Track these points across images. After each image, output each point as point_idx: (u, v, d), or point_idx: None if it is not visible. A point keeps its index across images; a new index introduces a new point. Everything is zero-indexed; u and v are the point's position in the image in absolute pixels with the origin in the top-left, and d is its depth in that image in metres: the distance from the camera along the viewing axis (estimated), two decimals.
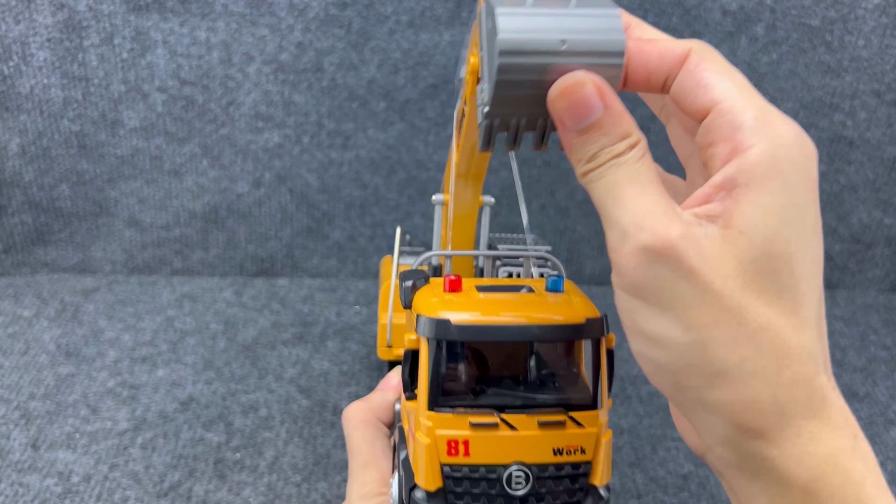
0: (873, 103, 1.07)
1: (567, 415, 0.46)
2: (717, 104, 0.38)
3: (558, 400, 0.46)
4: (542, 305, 0.47)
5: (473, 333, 0.45)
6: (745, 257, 0.35)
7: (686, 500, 0.73)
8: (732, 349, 0.35)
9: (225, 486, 0.71)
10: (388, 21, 1.01)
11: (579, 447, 0.46)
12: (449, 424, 0.45)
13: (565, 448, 0.46)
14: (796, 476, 0.36)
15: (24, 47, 0.97)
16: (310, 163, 1.06)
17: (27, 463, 0.73)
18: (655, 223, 0.35)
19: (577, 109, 0.37)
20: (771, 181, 0.35)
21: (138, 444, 0.76)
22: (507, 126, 0.41)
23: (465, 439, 0.45)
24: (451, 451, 0.45)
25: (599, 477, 0.46)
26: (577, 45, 0.37)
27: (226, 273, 1.10)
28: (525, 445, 0.45)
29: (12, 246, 1.06)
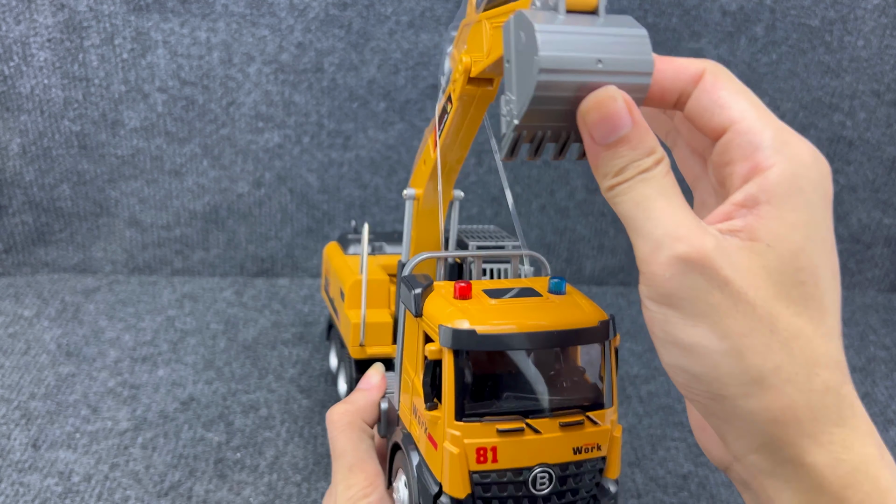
0: (873, 103, 1.07)
1: (585, 415, 0.47)
2: (734, 123, 0.39)
3: (575, 402, 0.48)
4: (555, 310, 0.48)
5: (498, 343, 0.46)
6: (773, 269, 0.37)
7: (686, 499, 0.73)
8: (767, 356, 0.36)
9: (225, 486, 0.72)
10: (389, 21, 1.01)
11: (596, 444, 0.48)
12: (477, 433, 0.46)
13: (584, 446, 0.47)
14: (829, 483, 0.36)
15: (24, 47, 0.97)
16: (310, 163, 1.06)
17: (28, 462, 0.73)
18: (690, 234, 0.36)
19: (607, 123, 0.38)
20: (793, 199, 0.37)
21: (139, 443, 0.76)
22: (531, 137, 0.42)
23: (494, 446, 0.46)
24: (480, 458, 0.46)
25: (613, 470, 0.48)
26: (612, 64, 0.38)
27: (226, 273, 1.10)
28: (548, 447, 0.46)
29: (13, 246, 1.06)
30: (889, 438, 0.83)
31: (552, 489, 0.46)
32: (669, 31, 1.03)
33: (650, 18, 1.03)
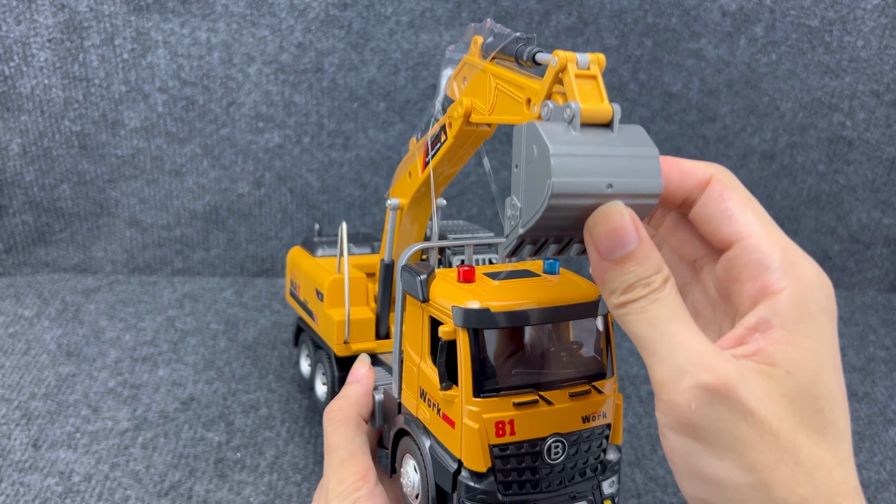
0: (872, 104, 1.07)
1: (591, 385, 0.50)
2: (741, 239, 0.40)
3: (581, 373, 0.51)
4: (556, 288, 0.51)
5: (512, 319, 0.47)
6: (794, 396, 0.37)
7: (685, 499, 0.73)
8: (793, 489, 0.36)
9: (226, 486, 0.72)
10: (389, 22, 1.01)
11: (602, 412, 0.50)
12: (495, 408, 0.47)
13: (591, 414, 0.50)
14: None
15: (25, 48, 0.97)
16: (310, 163, 1.06)
17: (28, 462, 0.73)
18: (714, 363, 0.36)
19: (614, 238, 0.38)
20: (805, 324, 0.38)
21: (139, 443, 0.76)
22: (535, 240, 0.42)
23: (511, 419, 0.48)
24: (499, 432, 0.48)
25: (617, 437, 0.52)
26: (622, 187, 0.39)
27: (226, 273, 1.10)
28: (560, 417, 0.49)
29: (13, 246, 1.06)
30: (889, 438, 0.83)
31: (565, 457, 0.49)
32: (669, 31, 1.04)
33: (650, 18, 1.03)
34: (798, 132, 1.09)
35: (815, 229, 1.13)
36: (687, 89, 1.06)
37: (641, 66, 1.04)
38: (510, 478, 0.48)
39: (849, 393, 0.90)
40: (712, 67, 1.06)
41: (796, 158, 1.10)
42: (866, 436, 0.83)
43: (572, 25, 1.03)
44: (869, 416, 0.87)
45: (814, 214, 1.12)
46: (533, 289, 0.50)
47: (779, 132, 1.09)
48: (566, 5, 1.02)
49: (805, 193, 1.11)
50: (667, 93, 1.06)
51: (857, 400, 0.90)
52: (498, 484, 0.48)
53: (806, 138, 1.09)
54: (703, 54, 1.05)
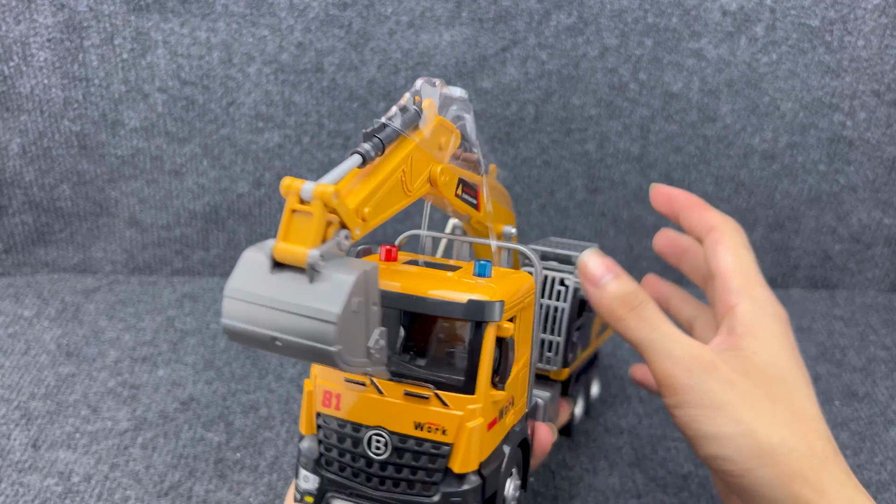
0: (873, 103, 1.07)
1: (434, 392, 0.46)
2: (718, 272, 0.56)
3: (431, 376, 0.47)
4: (446, 283, 0.48)
5: (394, 301, 0.48)
6: (762, 369, 0.51)
7: (686, 499, 0.73)
8: (773, 432, 0.48)
9: (225, 486, 0.72)
10: (388, 21, 1.01)
11: (441, 427, 0.46)
12: (328, 377, 0.48)
13: (426, 424, 0.46)
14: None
15: (24, 47, 0.97)
16: (310, 163, 1.06)
17: (28, 463, 0.73)
18: (702, 351, 0.50)
19: (594, 273, 0.54)
20: (758, 325, 0.53)
21: (139, 443, 0.76)
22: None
23: (338, 393, 0.48)
24: (325, 402, 0.48)
25: (460, 463, 0.46)
26: (289, 343, 0.39)
27: (226, 273, 1.10)
28: (388, 411, 0.47)
29: (13, 246, 1.06)
30: (890, 439, 0.83)
31: (388, 456, 0.46)
32: (670, 31, 1.03)
33: (650, 18, 1.03)
34: (798, 132, 1.09)
35: (816, 229, 1.13)
36: (687, 89, 1.06)
37: (641, 65, 1.04)
38: (332, 454, 0.48)
39: (849, 393, 0.90)
40: (713, 67, 1.06)
41: (797, 158, 1.10)
42: (867, 436, 0.83)
43: (572, 25, 1.03)
44: (869, 417, 0.87)
45: (814, 214, 1.12)
46: (424, 279, 0.48)
47: (779, 132, 1.09)
48: (566, 5, 1.02)
49: (805, 193, 1.11)
50: (667, 92, 1.06)
51: (858, 400, 0.90)
52: (321, 455, 0.48)
53: (806, 138, 1.09)
54: (703, 54, 1.05)
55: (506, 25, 1.02)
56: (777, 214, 1.12)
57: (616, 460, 0.78)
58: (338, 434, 0.47)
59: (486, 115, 1.06)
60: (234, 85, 1.02)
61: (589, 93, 1.06)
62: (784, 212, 1.12)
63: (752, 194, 1.11)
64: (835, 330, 1.05)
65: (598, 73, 1.05)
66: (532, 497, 0.72)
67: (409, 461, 0.46)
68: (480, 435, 0.46)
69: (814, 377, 0.93)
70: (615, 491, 0.74)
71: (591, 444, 0.79)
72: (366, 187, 0.44)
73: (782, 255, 1.14)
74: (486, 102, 1.05)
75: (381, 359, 0.42)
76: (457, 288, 0.48)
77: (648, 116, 1.07)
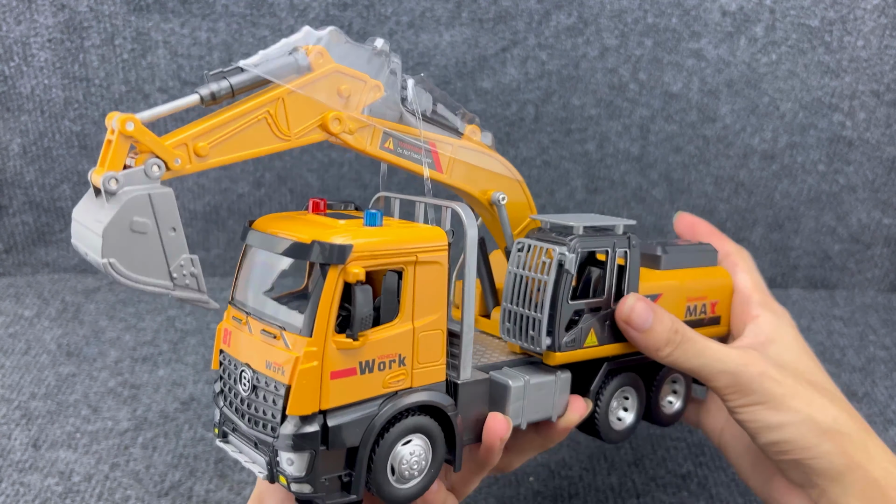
0: (872, 104, 1.07)
1: (281, 331, 0.47)
2: (738, 289, 0.67)
3: (282, 315, 0.48)
4: (317, 228, 0.48)
5: (245, 236, 0.52)
6: (792, 367, 0.61)
7: (685, 499, 0.73)
8: (826, 412, 0.57)
9: (225, 486, 0.72)
10: (389, 22, 1.01)
11: (281, 367, 0.46)
12: (228, 317, 0.52)
13: (273, 363, 0.47)
14: (885, 487, 0.55)
15: (25, 48, 0.97)
16: (310, 163, 1.06)
17: (28, 462, 0.73)
18: (747, 357, 0.58)
19: (639, 318, 0.58)
20: (779, 331, 0.64)
21: (139, 443, 0.76)
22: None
23: (229, 330, 0.51)
24: (224, 339, 0.52)
25: (290, 404, 0.45)
26: (88, 258, 0.45)
27: (227, 273, 1.10)
28: (253, 350, 0.49)
29: (13, 246, 1.06)
30: (889, 438, 0.83)
31: (247, 394, 0.48)
32: (669, 31, 1.04)
33: (650, 18, 1.03)
34: (798, 132, 1.09)
35: (815, 229, 1.13)
36: (687, 89, 1.06)
37: (641, 65, 1.04)
38: (225, 388, 0.51)
39: (849, 393, 0.90)
40: (712, 67, 1.06)
41: (796, 158, 1.10)
42: None
43: (572, 25, 1.03)
44: (869, 417, 0.87)
45: (814, 214, 1.12)
46: (310, 225, 0.49)
47: (779, 132, 1.09)
48: (566, 5, 1.02)
49: (805, 193, 1.11)
50: (667, 93, 1.06)
51: (857, 400, 0.90)
52: (219, 391, 0.52)
53: (806, 138, 1.09)
54: (703, 54, 1.05)
55: (506, 25, 1.02)
56: (776, 214, 1.12)
57: (616, 460, 0.78)
58: (227, 369, 0.51)
59: (486, 115, 1.06)
60: None
61: (589, 93, 1.06)
62: (783, 212, 1.12)
63: (751, 194, 1.11)
64: (834, 330, 1.05)
65: (597, 73, 1.05)
66: (532, 497, 0.72)
67: (262, 399, 0.48)
68: (313, 379, 0.45)
69: None
70: (614, 490, 0.74)
71: (591, 444, 0.80)
72: (202, 123, 0.48)
73: (782, 254, 1.14)
74: (486, 102, 1.05)
75: (193, 285, 0.46)
76: (318, 233, 0.47)
77: (648, 116, 1.07)
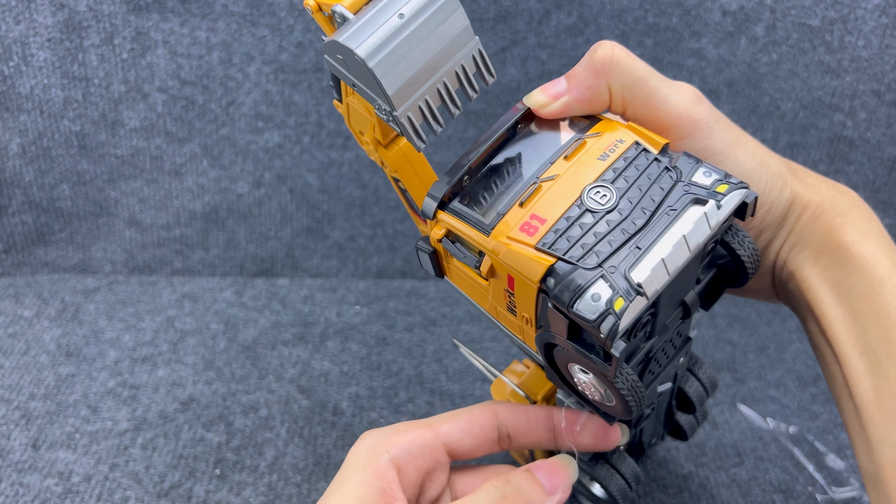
0: (873, 104, 1.07)
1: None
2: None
3: None
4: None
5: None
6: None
7: (686, 500, 0.73)
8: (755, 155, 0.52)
9: (225, 486, 0.71)
10: None
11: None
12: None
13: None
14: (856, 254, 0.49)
15: (24, 47, 0.97)
16: (310, 163, 1.06)
17: (27, 463, 0.73)
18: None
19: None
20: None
21: (139, 444, 0.76)
22: (422, 115, 0.45)
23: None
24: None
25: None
26: (412, 9, 0.45)
27: (226, 273, 1.10)
28: None
29: (13, 246, 1.06)
30: None
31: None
32: (669, 31, 1.03)
33: (650, 18, 1.03)
34: (799, 132, 1.09)
35: None
36: None
37: None
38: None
39: None
40: (713, 67, 1.06)
41: (797, 158, 1.10)
42: None
43: (572, 25, 1.03)
44: None
45: None
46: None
47: (779, 132, 1.09)
48: (566, 5, 1.02)
49: None
50: None
51: None
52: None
53: (807, 138, 1.09)
54: (703, 54, 1.05)
55: (506, 25, 1.02)
56: None
57: None
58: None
59: (486, 114, 1.06)
60: (233, 85, 1.02)
61: None
62: None
63: None
64: None
65: None
66: None
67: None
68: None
69: (814, 377, 0.93)
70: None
71: None
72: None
73: None
74: (487, 102, 1.05)
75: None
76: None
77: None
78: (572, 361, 0.46)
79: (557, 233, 0.43)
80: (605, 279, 0.41)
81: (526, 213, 0.45)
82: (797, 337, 0.99)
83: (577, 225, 0.44)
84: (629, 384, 0.44)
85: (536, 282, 0.43)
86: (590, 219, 0.44)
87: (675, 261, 0.42)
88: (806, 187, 0.50)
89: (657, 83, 0.50)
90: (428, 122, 0.45)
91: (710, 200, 0.44)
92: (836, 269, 0.48)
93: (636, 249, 0.42)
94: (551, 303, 0.43)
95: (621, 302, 0.40)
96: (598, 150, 0.47)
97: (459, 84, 0.46)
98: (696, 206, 0.44)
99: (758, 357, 0.96)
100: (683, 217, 0.43)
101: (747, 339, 0.98)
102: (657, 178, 0.45)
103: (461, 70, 0.46)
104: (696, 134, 0.49)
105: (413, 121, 0.44)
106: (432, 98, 0.45)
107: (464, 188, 0.49)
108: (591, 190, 0.45)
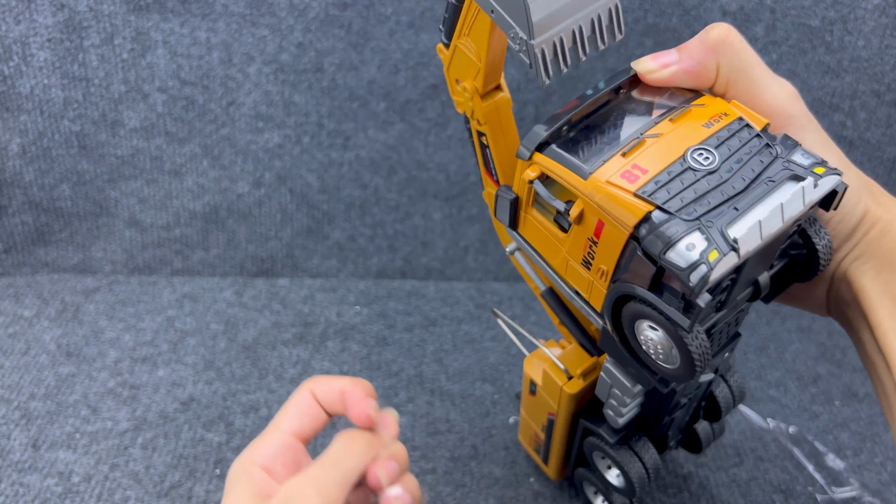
0: (873, 104, 1.07)
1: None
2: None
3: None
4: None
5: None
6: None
7: (686, 500, 0.73)
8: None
9: None
10: (389, 21, 1.01)
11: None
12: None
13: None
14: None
15: (24, 47, 0.97)
16: (310, 163, 1.06)
17: (28, 463, 0.73)
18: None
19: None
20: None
21: (139, 444, 0.76)
22: (553, 52, 0.45)
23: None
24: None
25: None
26: None
27: (226, 273, 1.10)
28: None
29: (13, 246, 1.06)
30: (889, 439, 0.83)
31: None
32: (669, 31, 1.03)
33: (650, 18, 1.03)
34: None
35: None
36: None
37: None
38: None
39: (849, 394, 0.90)
40: None
41: None
42: (867, 436, 0.83)
43: None
44: (870, 417, 0.87)
45: None
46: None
47: None
48: None
49: None
50: None
51: (858, 401, 0.90)
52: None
53: None
54: None
55: None
56: None
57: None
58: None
59: None
60: (233, 85, 1.02)
61: None
62: None
63: None
64: (835, 330, 1.05)
65: (598, 73, 1.05)
66: (532, 497, 0.72)
67: None
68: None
69: (814, 377, 0.93)
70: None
71: None
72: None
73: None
74: None
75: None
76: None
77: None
78: (644, 317, 0.47)
79: (658, 184, 0.44)
80: (702, 231, 0.42)
81: (628, 163, 0.45)
82: (797, 337, 0.99)
83: (679, 180, 0.44)
84: (699, 341, 0.45)
85: (631, 227, 0.43)
86: (691, 176, 0.44)
87: (770, 226, 0.43)
88: (878, 205, 0.52)
89: (762, 73, 0.51)
90: (556, 60, 0.45)
91: (809, 177, 0.45)
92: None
93: (734, 210, 0.43)
94: (641, 249, 0.43)
95: (715, 254, 0.41)
96: (703, 117, 0.48)
97: (591, 32, 0.46)
98: (794, 181, 0.45)
99: (758, 357, 0.96)
100: (781, 189, 0.44)
101: (747, 339, 0.98)
102: (758, 151, 0.46)
103: (597, 19, 0.46)
104: (788, 130, 0.50)
105: (546, 54, 0.44)
106: (566, 37, 0.45)
107: (561, 137, 0.49)
108: (695, 151, 0.45)
